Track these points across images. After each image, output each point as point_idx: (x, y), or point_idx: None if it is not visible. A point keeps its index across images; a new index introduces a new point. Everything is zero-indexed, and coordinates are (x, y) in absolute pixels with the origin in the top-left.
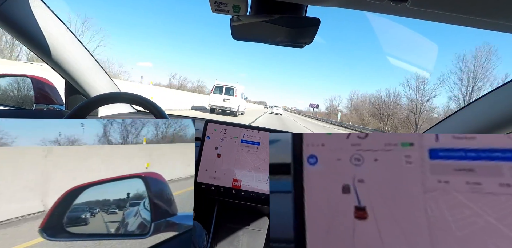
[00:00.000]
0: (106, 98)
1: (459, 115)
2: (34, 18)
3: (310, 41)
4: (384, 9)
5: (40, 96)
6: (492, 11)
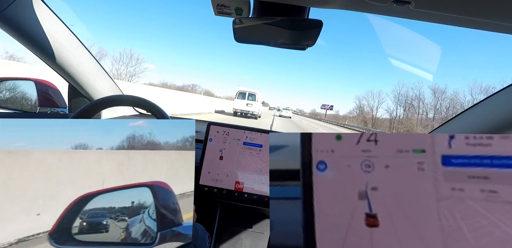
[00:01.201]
0: (109, 101)
1: (466, 115)
2: (37, 21)
3: (312, 43)
4: (387, 11)
5: (43, 99)
6: (495, 12)
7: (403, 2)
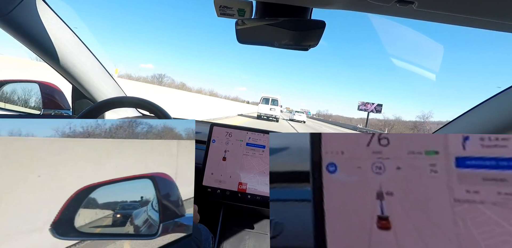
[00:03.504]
0: (112, 103)
1: (471, 115)
2: (41, 24)
3: (315, 44)
4: (390, 11)
5: (48, 101)
6: (499, 11)
7: (407, 2)
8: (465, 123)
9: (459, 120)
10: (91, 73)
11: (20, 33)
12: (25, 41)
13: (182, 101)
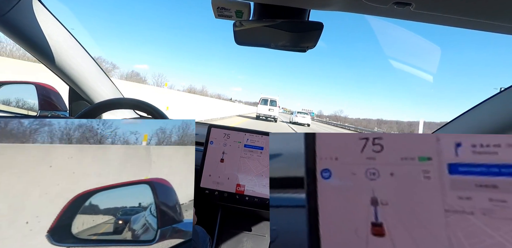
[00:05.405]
0: (110, 104)
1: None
2: (38, 25)
3: (313, 45)
4: (388, 13)
5: (44, 103)
6: (496, 13)
7: (404, 3)
8: (463, 124)
9: (456, 121)
10: (88, 74)
11: (16, 34)
12: (22, 42)
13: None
